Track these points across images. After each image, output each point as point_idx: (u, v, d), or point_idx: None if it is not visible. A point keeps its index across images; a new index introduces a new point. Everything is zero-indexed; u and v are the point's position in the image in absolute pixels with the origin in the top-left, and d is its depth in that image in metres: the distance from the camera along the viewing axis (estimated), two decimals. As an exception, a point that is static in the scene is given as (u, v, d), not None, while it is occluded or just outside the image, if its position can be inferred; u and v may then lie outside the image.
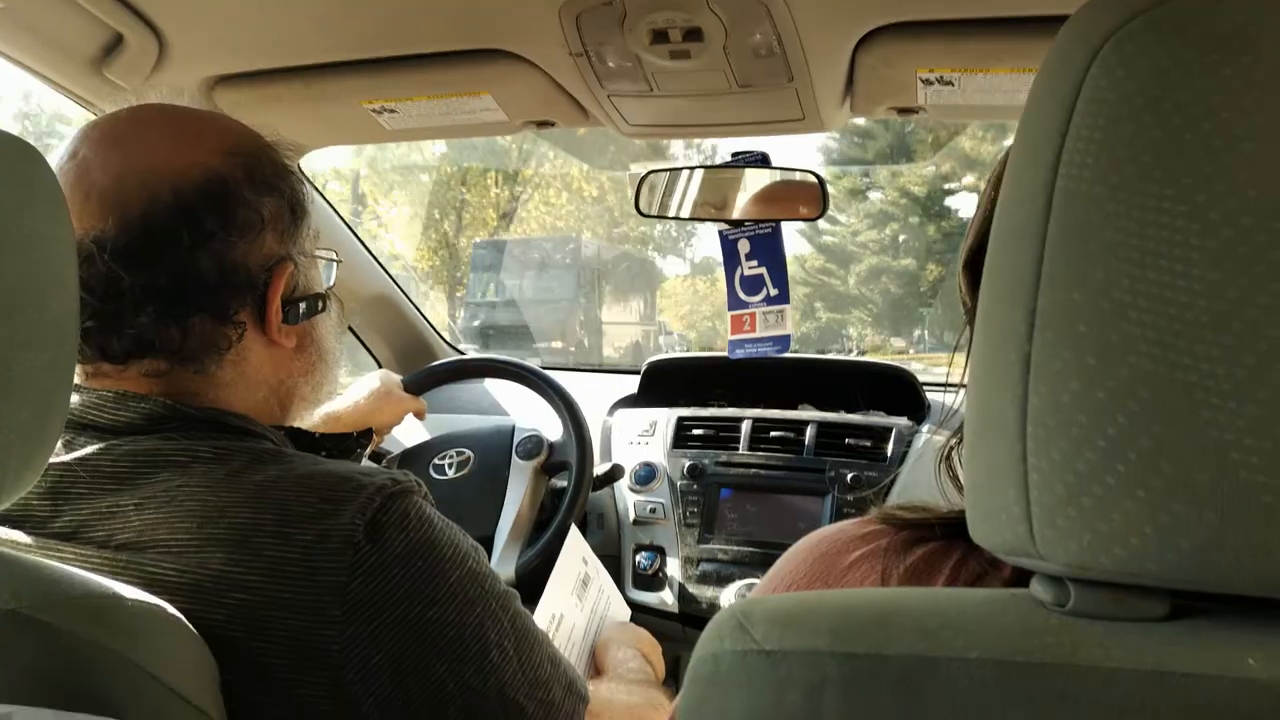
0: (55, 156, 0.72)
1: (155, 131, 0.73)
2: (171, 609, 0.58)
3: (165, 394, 0.71)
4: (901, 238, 13.91)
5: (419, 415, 1.44)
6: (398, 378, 1.42)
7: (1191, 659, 0.33)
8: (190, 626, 0.59)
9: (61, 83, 1.14)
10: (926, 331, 13.02)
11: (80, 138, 0.73)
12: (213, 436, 0.70)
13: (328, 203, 1.68)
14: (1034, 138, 0.36)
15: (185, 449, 0.68)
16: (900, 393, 1.69)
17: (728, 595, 1.44)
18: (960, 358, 0.59)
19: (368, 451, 1.37)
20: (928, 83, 1.06)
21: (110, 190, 0.69)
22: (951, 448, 0.60)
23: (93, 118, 0.76)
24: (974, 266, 0.57)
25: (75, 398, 0.68)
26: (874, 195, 14.25)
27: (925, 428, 1.57)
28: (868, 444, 1.54)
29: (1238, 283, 0.31)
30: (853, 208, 14.11)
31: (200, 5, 1.04)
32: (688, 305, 15.18)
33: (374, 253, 1.82)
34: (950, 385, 0.60)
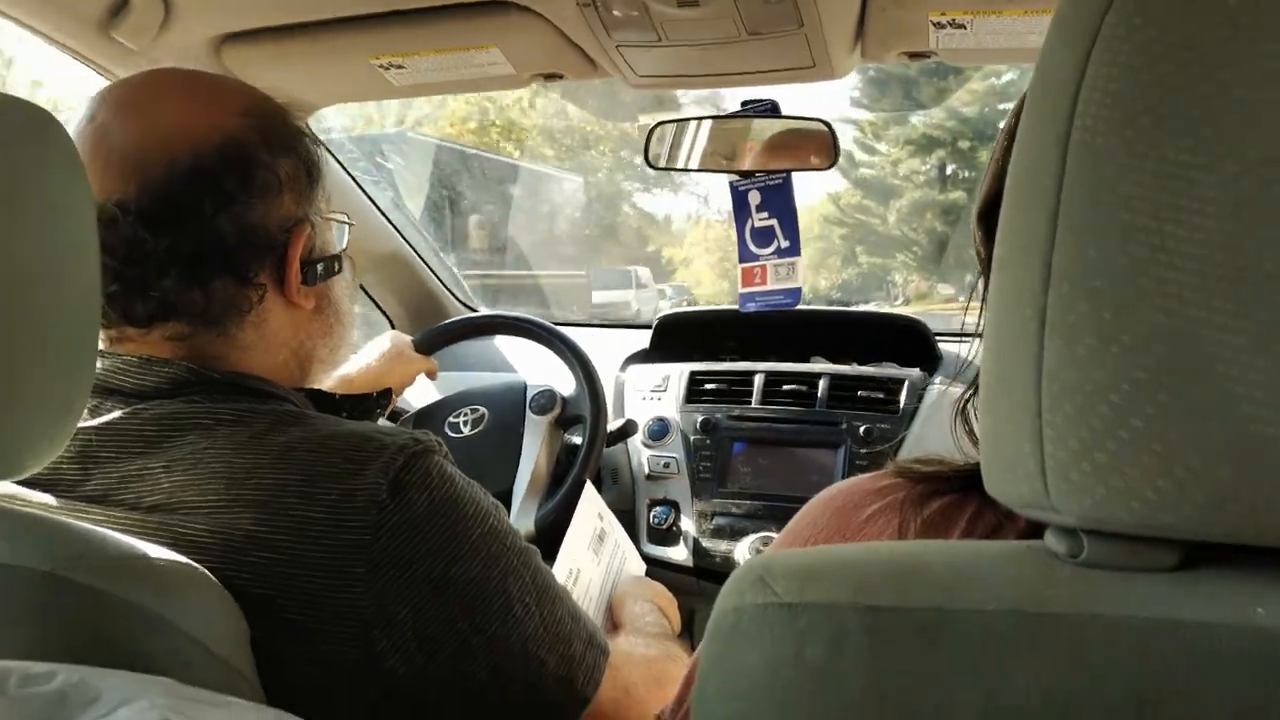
0: (72, 124, 0.72)
1: (173, 95, 0.73)
2: (201, 568, 0.59)
3: (188, 357, 0.71)
4: (950, 167, 12.12)
5: (430, 375, 1.45)
6: (408, 338, 1.42)
7: (1202, 608, 0.33)
8: (219, 585, 0.60)
9: (69, 44, 1.13)
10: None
11: (98, 102, 0.73)
12: (235, 399, 0.70)
13: (338, 161, 1.67)
14: (1048, 87, 0.36)
15: (209, 412, 0.69)
16: (913, 343, 1.68)
17: (742, 550, 1.45)
18: (975, 306, 0.58)
19: (386, 411, 1.38)
20: (939, 26, 1.04)
21: (131, 154, 0.69)
22: (967, 400, 0.60)
23: (103, 82, 0.76)
24: (988, 217, 0.56)
25: (100, 363, 0.69)
26: (916, 119, 12.34)
27: (938, 379, 1.57)
28: (880, 396, 1.54)
29: (1255, 236, 0.31)
30: (891, 133, 12.36)
31: None
32: (719, 251, 13.93)
33: (384, 210, 1.82)
34: (965, 335, 0.60)
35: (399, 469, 0.66)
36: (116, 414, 0.69)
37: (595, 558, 1.18)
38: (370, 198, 1.78)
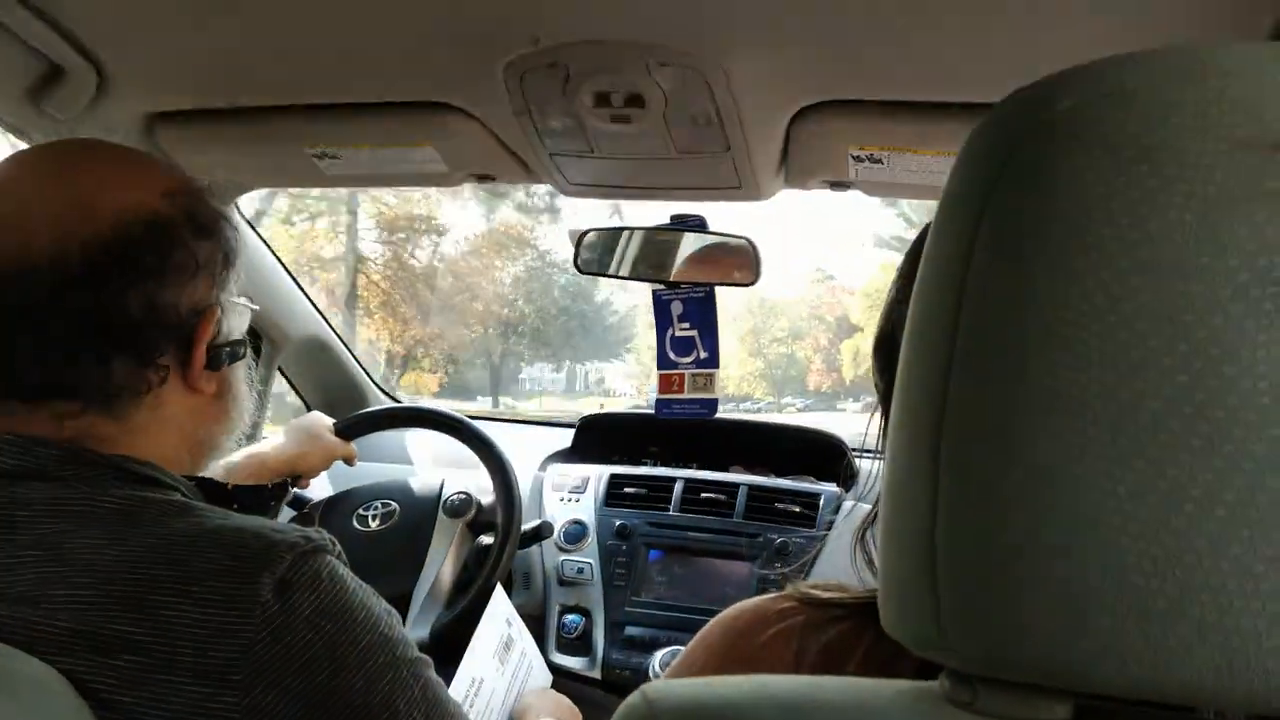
0: None
1: (98, 166, 0.72)
2: (54, 671, 0.55)
3: (73, 438, 0.68)
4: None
5: (349, 461, 1.41)
6: (329, 421, 1.38)
7: None
8: (72, 690, 0.56)
9: (-4, 111, 1.11)
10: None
11: (18, 164, 0.71)
12: (118, 486, 0.67)
13: (262, 239, 1.65)
14: (948, 232, 0.37)
15: (87, 498, 0.65)
16: (831, 457, 1.70)
17: (653, 664, 1.42)
18: (874, 429, 0.60)
19: (285, 500, 1.33)
20: (858, 159, 1.09)
21: (48, 221, 0.67)
22: (866, 528, 0.61)
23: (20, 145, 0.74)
24: (883, 348, 0.58)
25: None
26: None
27: (851, 495, 1.58)
28: (797, 510, 1.55)
29: (1133, 384, 0.32)
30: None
31: (142, 40, 1.03)
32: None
33: (307, 292, 1.79)
34: (879, 453, 0.61)
35: (286, 568, 0.63)
36: None
37: (500, 666, 1.14)
38: (294, 279, 1.75)
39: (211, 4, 0.92)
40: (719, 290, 1.36)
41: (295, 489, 1.35)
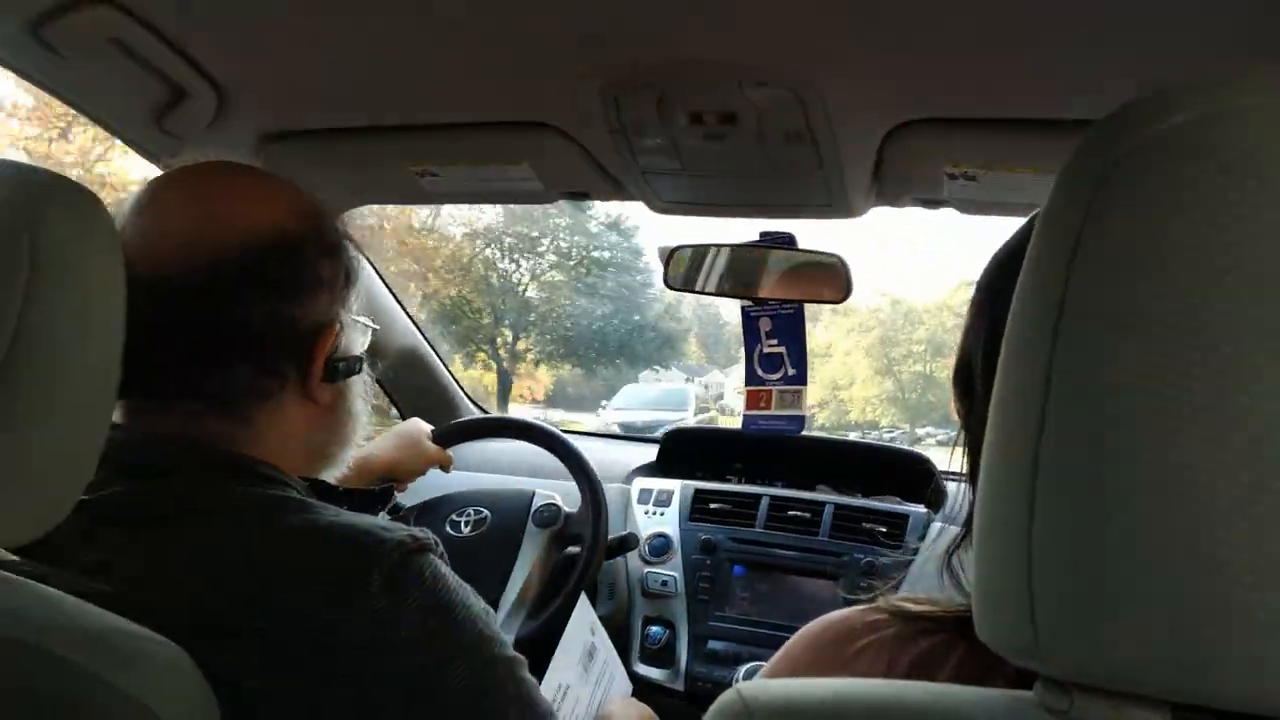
0: (129, 201, 0.75)
1: (232, 186, 0.77)
2: (182, 652, 0.59)
3: (199, 438, 0.72)
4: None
5: (445, 467, 1.45)
6: (427, 428, 1.43)
7: None
8: (196, 669, 0.59)
9: (119, 131, 1.19)
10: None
11: (159, 185, 0.76)
12: (238, 483, 0.71)
13: (369, 261, 1.72)
14: (1048, 247, 0.37)
15: (211, 494, 0.69)
16: (917, 478, 1.68)
17: (738, 678, 1.42)
18: (959, 454, 0.59)
19: (390, 503, 1.38)
20: (953, 177, 1.08)
21: (184, 237, 0.72)
22: (954, 550, 0.60)
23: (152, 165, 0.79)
24: (962, 374, 0.58)
25: (111, 436, 0.70)
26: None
27: (940, 517, 1.56)
28: (883, 530, 1.53)
29: (1237, 401, 0.32)
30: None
31: (260, 62, 1.09)
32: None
33: (407, 309, 1.86)
34: (965, 476, 0.61)
35: (395, 565, 0.66)
36: (119, 488, 0.69)
37: (585, 674, 1.16)
38: (395, 297, 1.82)
39: (327, 29, 0.98)
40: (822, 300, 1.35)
41: (396, 496, 1.39)
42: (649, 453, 1.86)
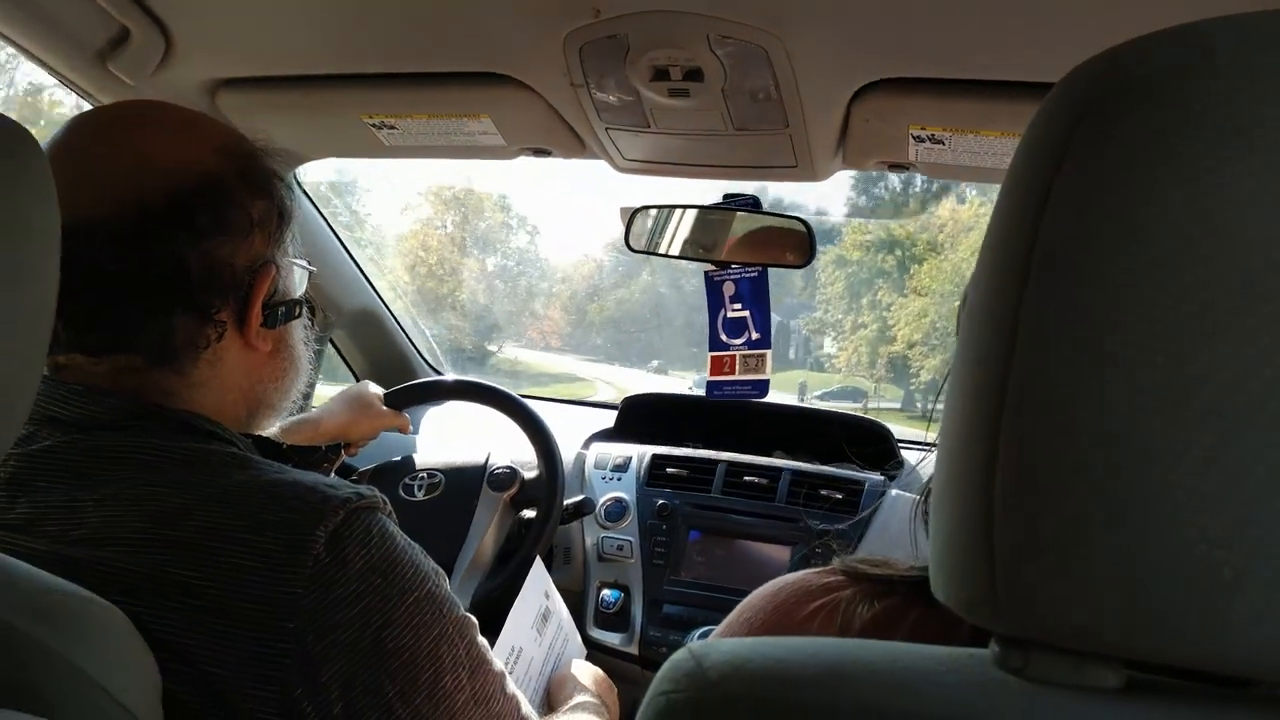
0: (48, 142, 0.71)
1: (155, 126, 0.73)
2: (118, 611, 0.57)
3: (137, 391, 0.70)
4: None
5: (402, 430, 1.43)
6: (380, 391, 1.41)
7: None
8: (135, 630, 0.57)
9: (64, 72, 1.13)
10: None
11: (78, 125, 0.72)
12: (180, 437, 0.69)
13: (318, 211, 1.67)
14: (1018, 195, 0.36)
15: (152, 448, 0.67)
16: (875, 446, 1.69)
17: (691, 640, 1.42)
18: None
19: (337, 463, 1.36)
20: (919, 139, 1.07)
21: (107, 179, 0.69)
22: (926, 496, 0.60)
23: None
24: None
25: (42, 389, 0.67)
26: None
27: (896, 484, 1.57)
28: (839, 497, 1.53)
29: (1201, 355, 0.31)
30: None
31: (209, 6, 1.05)
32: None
33: (361, 266, 1.82)
34: (926, 445, 0.60)
35: (339, 523, 0.64)
36: (50, 442, 0.66)
37: (538, 637, 1.15)
38: (349, 252, 1.78)
39: None
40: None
41: (345, 456, 1.37)
42: (607, 418, 1.85)
